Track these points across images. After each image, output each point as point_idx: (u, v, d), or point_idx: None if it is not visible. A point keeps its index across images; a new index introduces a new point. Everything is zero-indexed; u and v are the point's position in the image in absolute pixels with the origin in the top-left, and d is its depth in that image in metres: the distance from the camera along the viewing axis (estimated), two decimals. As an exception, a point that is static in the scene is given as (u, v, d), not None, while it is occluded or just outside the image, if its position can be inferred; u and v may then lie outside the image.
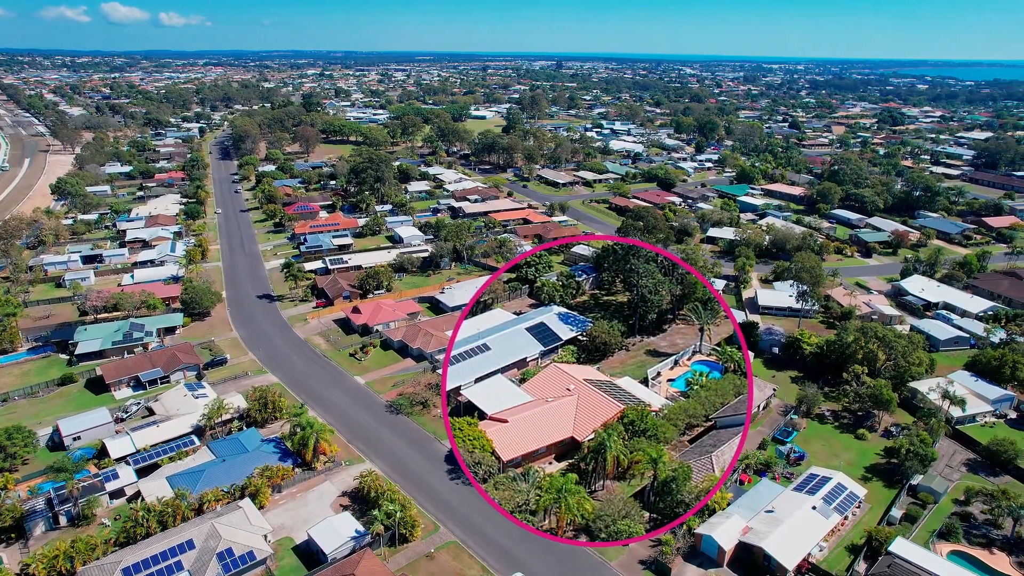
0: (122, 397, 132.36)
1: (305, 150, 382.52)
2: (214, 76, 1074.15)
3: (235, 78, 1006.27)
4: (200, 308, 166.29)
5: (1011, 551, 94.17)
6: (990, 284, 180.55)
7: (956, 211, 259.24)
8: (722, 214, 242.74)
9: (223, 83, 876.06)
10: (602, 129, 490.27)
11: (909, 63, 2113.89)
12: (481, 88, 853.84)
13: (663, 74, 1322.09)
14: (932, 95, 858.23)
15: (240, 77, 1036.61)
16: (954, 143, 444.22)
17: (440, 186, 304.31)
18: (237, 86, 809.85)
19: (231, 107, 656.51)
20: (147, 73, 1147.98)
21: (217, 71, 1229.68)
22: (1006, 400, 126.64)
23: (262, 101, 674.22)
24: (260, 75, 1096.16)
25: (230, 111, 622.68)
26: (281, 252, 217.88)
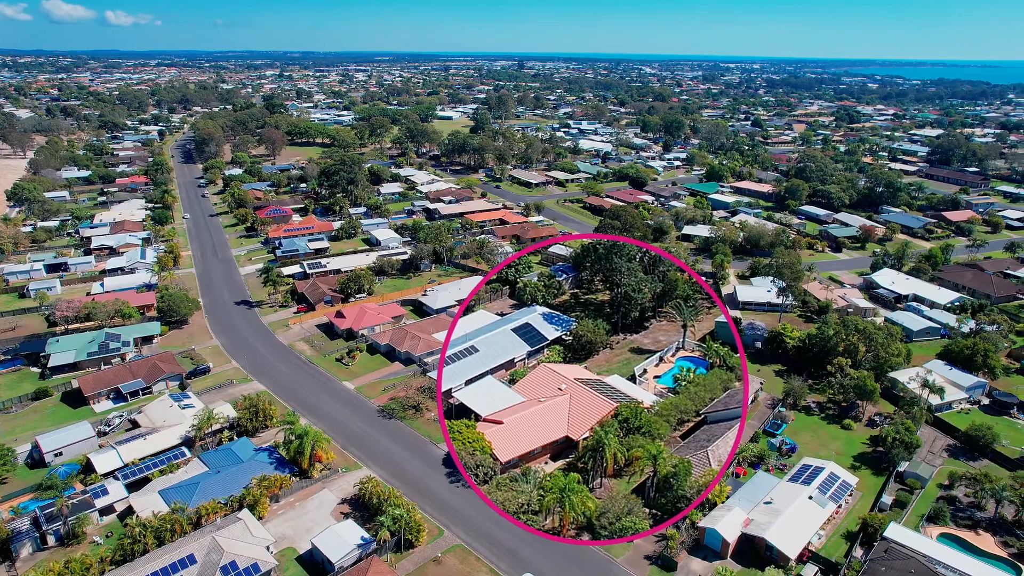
0: (102, 410, 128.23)
1: (271, 153, 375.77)
2: (168, 77, 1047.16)
3: (191, 79, 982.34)
4: (177, 316, 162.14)
5: (995, 531, 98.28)
6: (954, 276, 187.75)
7: (916, 206, 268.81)
8: (695, 212, 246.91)
9: (179, 84, 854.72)
10: (570, 129, 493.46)
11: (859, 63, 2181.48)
12: (445, 88, 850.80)
13: (624, 74, 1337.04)
14: (883, 94, 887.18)
15: (196, 78, 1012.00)
16: (908, 140, 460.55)
17: (412, 187, 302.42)
18: (194, 87, 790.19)
19: (189, 109, 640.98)
20: (96, 74, 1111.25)
21: (171, 72, 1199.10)
22: (979, 387, 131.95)
23: (222, 103, 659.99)
24: (217, 76, 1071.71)
25: (189, 113, 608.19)
26: (256, 257, 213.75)
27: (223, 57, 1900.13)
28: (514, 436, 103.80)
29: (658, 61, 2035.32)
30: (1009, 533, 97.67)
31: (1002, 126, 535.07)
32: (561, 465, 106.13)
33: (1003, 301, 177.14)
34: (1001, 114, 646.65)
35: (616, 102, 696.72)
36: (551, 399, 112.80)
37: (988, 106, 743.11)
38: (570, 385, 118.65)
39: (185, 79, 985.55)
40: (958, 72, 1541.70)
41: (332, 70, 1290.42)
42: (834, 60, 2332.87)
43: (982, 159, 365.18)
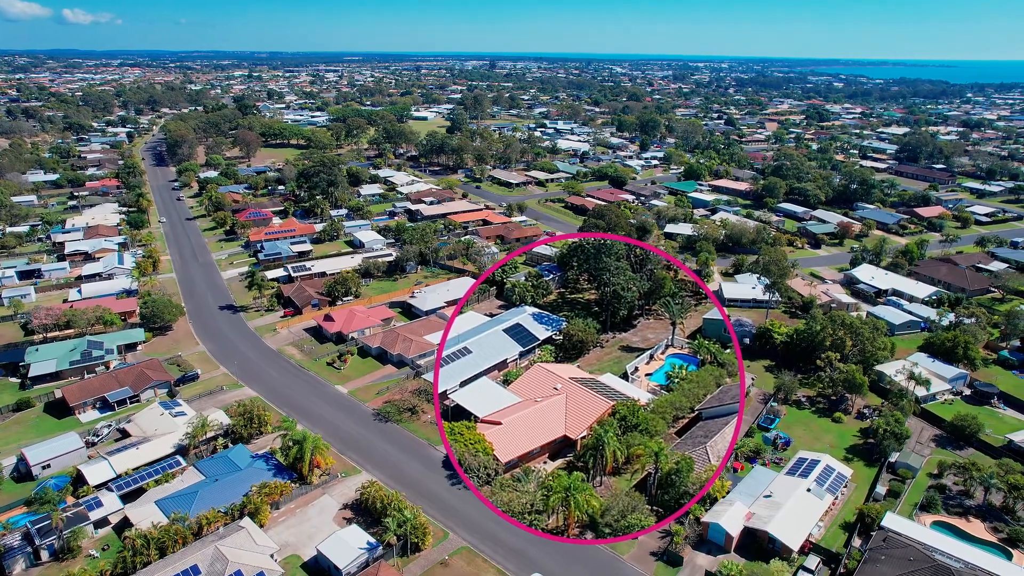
0: (89, 420, 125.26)
1: (246, 155, 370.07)
2: (133, 78, 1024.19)
3: (157, 80, 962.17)
4: (161, 322, 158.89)
5: (984, 518, 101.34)
6: (930, 270, 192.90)
7: (889, 202, 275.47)
8: (677, 210, 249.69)
9: (145, 85, 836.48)
10: (546, 128, 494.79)
11: (823, 62, 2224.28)
12: (418, 89, 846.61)
13: (595, 73, 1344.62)
14: (849, 92, 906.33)
15: (162, 79, 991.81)
16: (876, 138, 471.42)
17: (392, 189, 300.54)
18: (161, 88, 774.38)
19: (157, 110, 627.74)
20: (56, 74, 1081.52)
21: (135, 72, 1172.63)
22: (960, 378, 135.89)
23: (191, 104, 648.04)
24: (184, 77, 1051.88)
25: (158, 115, 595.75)
26: (238, 261, 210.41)
27: (188, 57, 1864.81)
28: (513, 436, 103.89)
29: (628, 61, 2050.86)
30: (998, 519, 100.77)
31: (964, 124, 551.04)
32: (560, 464, 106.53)
33: (977, 294, 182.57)
34: (962, 112, 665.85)
35: (590, 102, 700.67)
36: (547, 399, 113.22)
37: (949, 104, 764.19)
38: (565, 384, 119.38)
39: (151, 80, 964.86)
40: (918, 72, 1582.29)
41: (302, 70, 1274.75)
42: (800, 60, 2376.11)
43: (948, 156, 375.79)
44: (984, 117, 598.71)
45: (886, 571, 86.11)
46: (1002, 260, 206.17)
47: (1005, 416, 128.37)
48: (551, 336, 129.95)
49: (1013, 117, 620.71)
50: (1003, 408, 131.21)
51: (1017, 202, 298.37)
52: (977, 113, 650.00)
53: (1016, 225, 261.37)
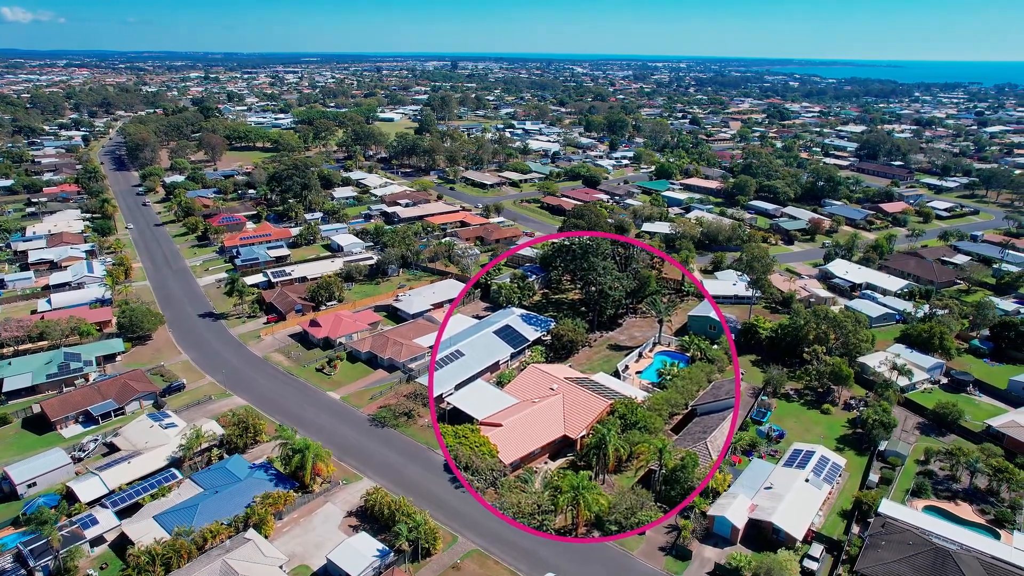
0: (72, 435, 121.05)
1: (212, 158, 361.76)
2: (82, 79, 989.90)
3: (108, 81, 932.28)
4: (140, 332, 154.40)
5: (971, 501, 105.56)
6: (899, 264, 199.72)
7: (855, 199, 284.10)
8: (652, 209, 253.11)
9: (96, 86, 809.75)
10: (514, 129, 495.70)
11: (778, 62, 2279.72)
12: (381, 90, 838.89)
13: (557, 73, 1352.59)
14: (804, 92, 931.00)
15: (113, 80, 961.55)
16: (836, 136, 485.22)
17: (366, 191, 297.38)
18: (114, 90, 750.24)
19: (112, 113, 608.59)
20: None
21: (83, 73, 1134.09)
22: (937, 368, 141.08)
23: (147, 106, 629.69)
24: (137, 78, 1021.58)
25: (113, 117, 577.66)
26: (213, 267, 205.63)
27: (138, 58, 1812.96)
28: (514, 438, 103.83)
29: (588, 61, 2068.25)
30: (984, 501, 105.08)
31: (916, 122, 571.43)
32: (562, 463, 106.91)
33: (944, 286, 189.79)
34: (912, 111, 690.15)
35: (556, 102, 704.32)
36: (545, 399, 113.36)
37: (899, 103, 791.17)
38: (561, 385, 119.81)
39: (101, 81, 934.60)
40: (868, 71, 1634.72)
41: (260, 72, 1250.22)
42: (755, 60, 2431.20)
43: (905, 153, 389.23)
44: (935, 116, 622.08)
45: (888, 556, 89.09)
46: (964, 253, 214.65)
47: (981, 403, 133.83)
48: (540, 337, 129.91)
49: (960, 115, 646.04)
50: (978, 395, 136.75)
51: (972, 197, 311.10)
52: (927, 112, 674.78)
53: (973, 219, 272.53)
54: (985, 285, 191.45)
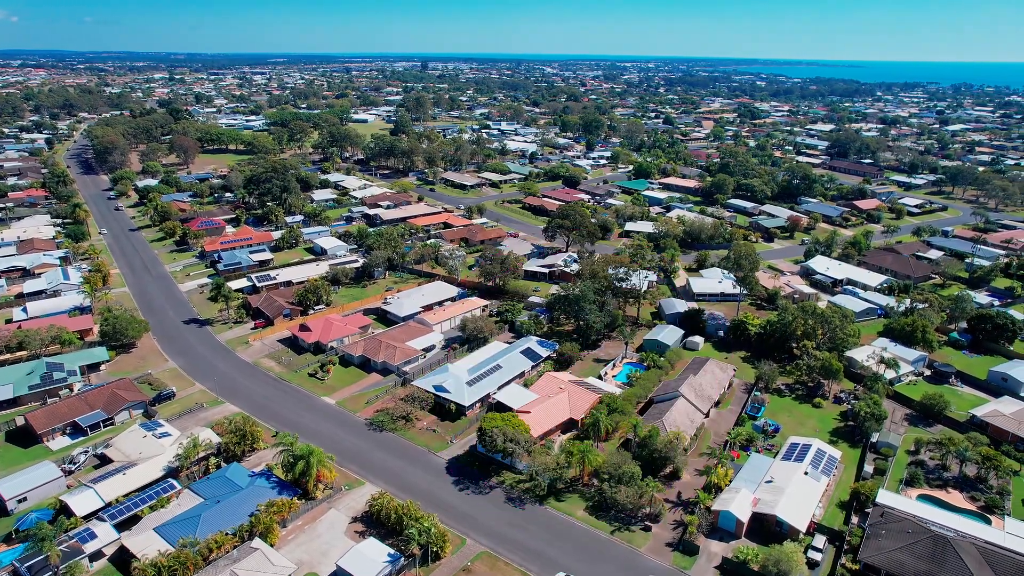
0: (60, 447, 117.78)
1: (184, 161, 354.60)
2: (39, 79, 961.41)
3: (68, 82, 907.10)
4: (125, 339, 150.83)
5: (962, 488, 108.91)
6: (877, 260, 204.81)
7: (830, 196, 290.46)
8: (634, 209, 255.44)
9: (57, 87, 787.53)
10: (490, 129, 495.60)
11: (744, 61, 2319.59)
12: (352, 91, 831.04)
13: (527, 74, 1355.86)
14: (772, 91, 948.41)
15: (73, 81, 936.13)
16: (806, 135, 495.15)
17: (345, 193, 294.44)
18: (75, 91, 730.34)
19: (75, 115, 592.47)
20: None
21: (40, 74, 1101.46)
22: (920, 360, 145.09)
23: (112, 108, 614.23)
24: (99, 79, 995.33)
25: (76, 119, 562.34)
26: (195, 272, 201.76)
27: (98, 58, 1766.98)
28: (540, 420, 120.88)
29: (557, 61, 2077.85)
30: (974, 488, 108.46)
31: (882, 121, 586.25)
32: (570, 436, 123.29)
33: (920, 280, 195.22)
34: (877, 110, 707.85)
35: (529, 102, 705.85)
36: (557, 395, 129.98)
37: (863, 102, 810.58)
38: (566, 385, 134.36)
39: (60, 82, 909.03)
40: (831, 71, 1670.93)
41: (227, 73, 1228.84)
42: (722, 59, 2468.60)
43: (874, 152, 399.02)
44: (899, 115, 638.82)
45: (889, 544, 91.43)
46: (937, 248, 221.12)
47: (963, 393, 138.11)
48: (550, 354, 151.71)
49: (922, 114, 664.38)
50: (960, 386, 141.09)
51: (939, 193, 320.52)
52: (890, 111, 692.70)
53: (942, 215, 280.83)
54: (959, 279, 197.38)
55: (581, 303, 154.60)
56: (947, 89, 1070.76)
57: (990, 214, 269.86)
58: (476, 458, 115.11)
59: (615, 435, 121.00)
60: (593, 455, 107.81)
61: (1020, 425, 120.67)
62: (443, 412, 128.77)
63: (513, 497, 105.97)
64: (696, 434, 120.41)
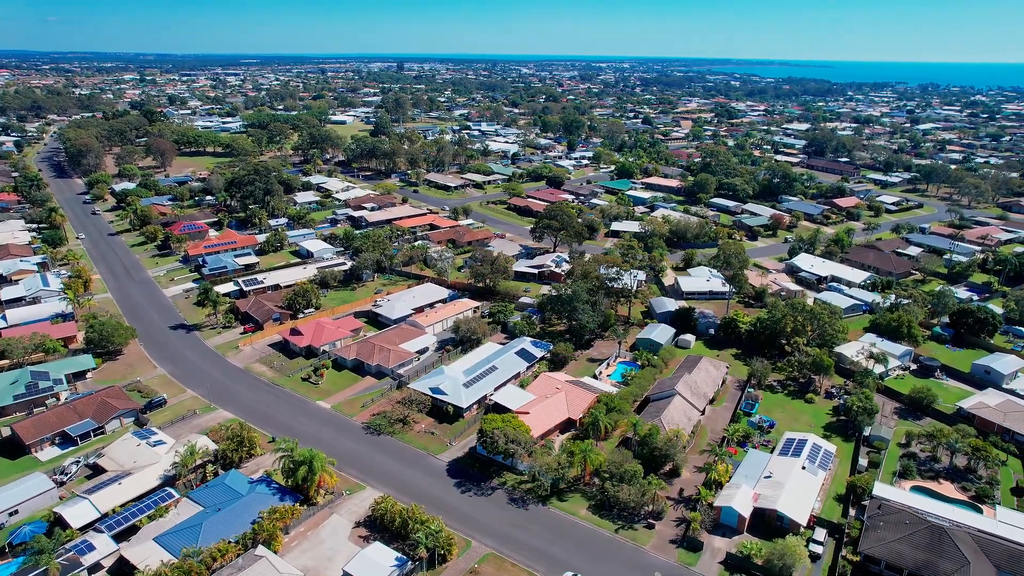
0: (50, 458, 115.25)
1: (161, 164, 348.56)
2: (3, 80, 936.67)
3: (34, 83, 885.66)
4: (111, 346, 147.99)
5: (952, 479, 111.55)
6: (859, 256, 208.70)
7: (810, 194, 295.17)
8: (619, 208, 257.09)
9: (23, 88, 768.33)
10: (471, 130, 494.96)
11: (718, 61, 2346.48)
12: (329, 92, 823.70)
13: (504, 74, 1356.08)
14: (747, 91, 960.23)
15: (39, 82, 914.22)
16: (783, 134, 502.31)
17: (328, 196, 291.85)
18: (43, 92, 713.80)
19: (44, 117, 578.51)
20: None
21: (3, 74, 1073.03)
22: (906, 355, 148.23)
23: (82, 110, 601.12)
24: (67, 80, 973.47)
25: (45, 122, 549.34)
26: (179, 277, 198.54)
27: (63, 58, 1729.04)
28: (538, 420, 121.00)
29: (533, 61, 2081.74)
30: (964, 479, 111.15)
31: (855, 120, 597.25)
32: (568, 436, 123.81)
33: (902, 276, 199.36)
34: (849, 109, 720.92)
35: (508, 103, 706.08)
36: (554, 395, 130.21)
37: (835, 102, 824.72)
38: (563, 385, 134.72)
39: (26, 83, 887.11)
40: (802, 71, 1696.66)
41: (199, 74, 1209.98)
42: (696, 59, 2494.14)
43: (850, 150, 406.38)
44: (871, 114, 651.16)
45: (888, 536, 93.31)
46: (916, 245, 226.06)
47: (948, 386, 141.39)
48: (544, 355, 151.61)
49: (894, 114, 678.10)
50: (945, 379, 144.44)
51: (915, 191, 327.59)
52: (862, 110, 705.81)
53: (918, 212, 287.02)
54: (938, 275, 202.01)
55: (574, 303, 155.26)
56: (915, 89, 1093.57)
57: (964, 211, 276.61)
58: (476, 460, 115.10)
59: (613, 434, 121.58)
60: (595, 454, 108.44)
61: (1005, 416, 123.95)
62: (440, 414, 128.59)
63: (516, 498, 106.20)
64: (693, 431, 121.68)
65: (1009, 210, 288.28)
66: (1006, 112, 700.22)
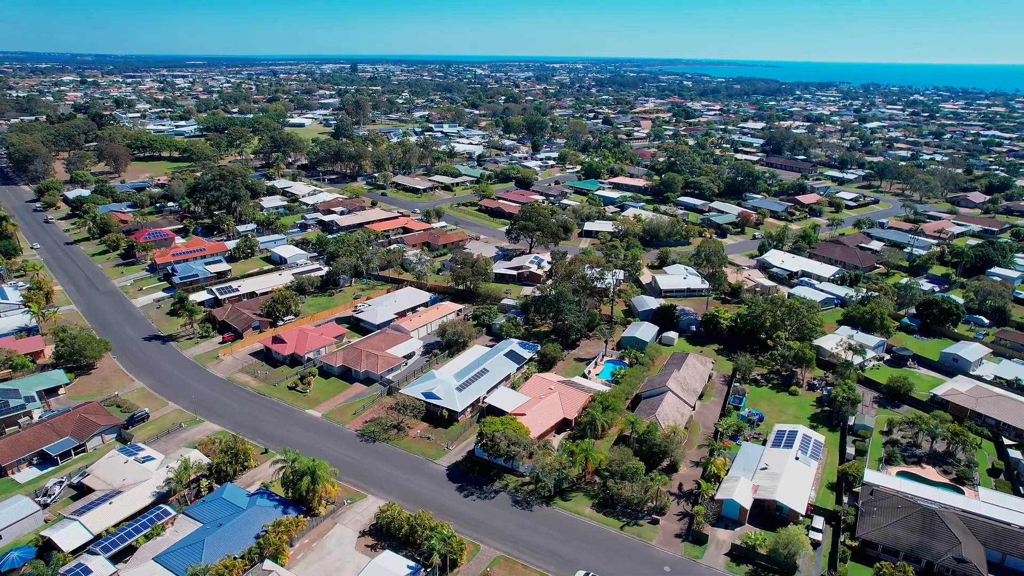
0: (29, 479, 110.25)
1: (115, 170, 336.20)
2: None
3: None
4: (83, 360, 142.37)
5: (934, 463, 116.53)
6: (826, 252, 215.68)
7: (773, 192, 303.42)
8: (591, 208, 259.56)
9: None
10: (433, 132, 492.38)
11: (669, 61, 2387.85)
12: (283, 94, 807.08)
13: (459, 75, 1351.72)
14: (699, 90, 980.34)
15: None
16: (740, 133, 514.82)
17: (295, 200, 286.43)
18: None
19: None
20: None
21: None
22: (880, 345, 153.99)
23: (21, 113, 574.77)
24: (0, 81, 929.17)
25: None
26: (148, 286, 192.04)
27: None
28: (536, 421, 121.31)
29: (487, 62, 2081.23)
30: (944, 463, 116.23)
31: (807, 119, 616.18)
32: (565, 436, 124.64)
33: (867, 270, 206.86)
34: (800, 108, 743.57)
35: (467, 104, 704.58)
36: (548, 395, 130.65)
37: (786, 101, 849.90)
38: (556, 385, 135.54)
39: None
40: (751, 71, 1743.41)
41: (144, 76, 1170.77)
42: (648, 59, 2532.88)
43: (806, 148, 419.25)
44: (822, 113, 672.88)
45: (883, 520, 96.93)
46: (878, 239, 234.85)
47: (920, 374, 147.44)
48: (532, 356, 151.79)
49: (842, 112, 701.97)
50: (917, 367, 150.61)
51: (869, 187, 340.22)
52: (812, 109, 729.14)
53: (875, 208, 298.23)
54: (900, 268, 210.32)
55: (561, 303, 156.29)
56: (858, 88, 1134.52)
57: (917, 206, 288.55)
58: (476, 463, 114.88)
59: (608, 432, 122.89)
60: (596, 453, 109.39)
61: (977, 402, 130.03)
62: (434, 419, 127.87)
63: (519, 500, 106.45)
64: (686, 427, 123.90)
65: (958, 204, 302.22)
66: (944, 111, 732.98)
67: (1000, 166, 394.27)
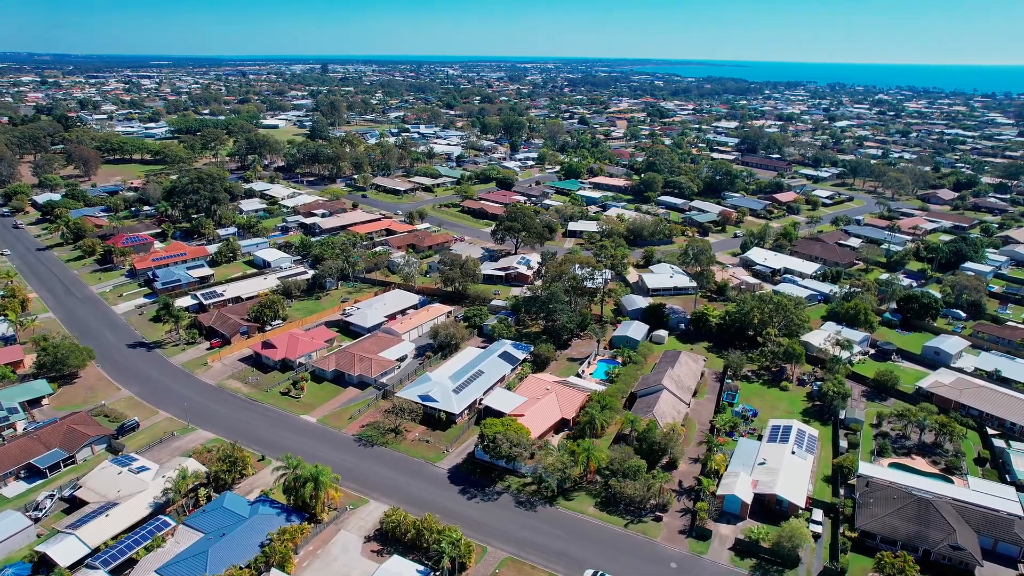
0: (17, 493, 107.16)
1: (85, 173, 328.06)
2: None
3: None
4: (67, 369, 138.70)
5: (923, 454, 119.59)
6: (806, 249, 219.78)
7: (751, 191, 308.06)
8: (574, 208, 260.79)
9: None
10: (410, 133, 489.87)
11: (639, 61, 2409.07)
12: (255, 95, 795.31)
13: (431, 75, 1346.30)
14: (671, 90, 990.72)
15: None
16: (714, 132, 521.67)
17: (275, 203, 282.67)
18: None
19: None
20: None
21: None
22: (864, 340, 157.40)
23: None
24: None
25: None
26: (128, 292, 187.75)
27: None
28: (534, 422, 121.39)
29: (458, 62, 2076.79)
30: (933, 454, 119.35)
31: (779, 118, 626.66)
32: (564, 435, 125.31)
33: (847, 267, 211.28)
34: (771, 107, 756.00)
35: (442, 104, 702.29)
36: (545, 396, 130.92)
37: (756, 100, 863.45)
38: (552, 386, 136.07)
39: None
40: (720, 71, 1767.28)
41: (108, 76, 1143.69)
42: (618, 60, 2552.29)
43: (780, 147, 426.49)
44: (793, 112, 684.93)
45: (880, 511, 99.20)
46: (855, 236, 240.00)
47: (904, 367, 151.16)
48: (525, 357, 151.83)
49: (812, 112, 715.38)
50: (900, 361, 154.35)
51: (843, 185, 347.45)
52: (782, 108, 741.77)
53: (850, 205, 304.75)
54: (879, 264, 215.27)
55: (552, 304, 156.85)
56: (825, 88, 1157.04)
57: (889, 203, 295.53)
58: (477, 465, 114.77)
59: (606, 431, 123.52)
60: (597, 452, 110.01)
61: (961, 393, 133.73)
62: (432, 422, 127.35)
63: (522, 500, 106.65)
64: (683, 424, 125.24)
65: (928, 201, 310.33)
66: (909, 111, 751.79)
67: (966, 164, 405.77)
